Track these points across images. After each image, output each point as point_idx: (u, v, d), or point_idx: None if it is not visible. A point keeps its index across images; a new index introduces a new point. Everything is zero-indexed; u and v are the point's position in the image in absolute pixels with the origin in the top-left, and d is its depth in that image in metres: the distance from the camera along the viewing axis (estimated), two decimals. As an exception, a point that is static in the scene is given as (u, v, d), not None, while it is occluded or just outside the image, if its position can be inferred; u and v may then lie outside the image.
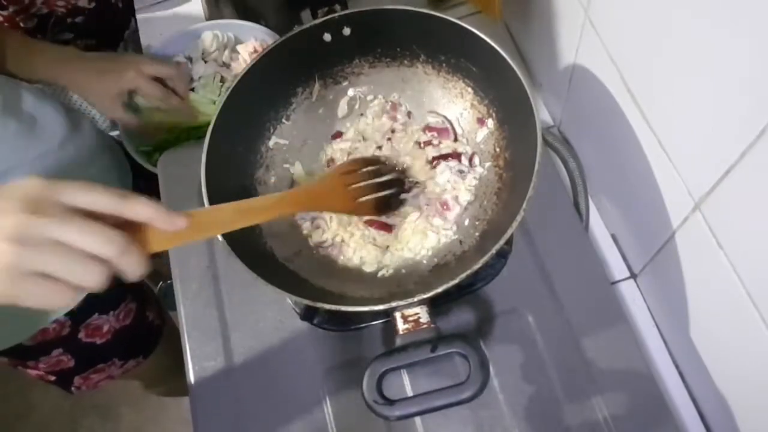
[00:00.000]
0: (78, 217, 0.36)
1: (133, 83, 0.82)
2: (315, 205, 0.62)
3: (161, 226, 0.40)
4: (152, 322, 1.03)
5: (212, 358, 0.67)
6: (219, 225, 0.48)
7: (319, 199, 0.61)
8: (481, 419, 0.61)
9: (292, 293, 0.54)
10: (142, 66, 0.82)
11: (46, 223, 0.35)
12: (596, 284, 0.67)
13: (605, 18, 0.60)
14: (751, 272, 0.48)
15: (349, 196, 0.62)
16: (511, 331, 0.65)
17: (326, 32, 0.66)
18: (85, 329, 0.89)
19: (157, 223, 0.40)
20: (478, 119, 0.68)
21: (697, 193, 0.51)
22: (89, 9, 1.02)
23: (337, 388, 0.64)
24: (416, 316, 0.52)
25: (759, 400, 0.54)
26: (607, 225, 0.76)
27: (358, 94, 0.72)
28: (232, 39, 0.94)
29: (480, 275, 0.65)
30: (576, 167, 0.76)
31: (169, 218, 0.40)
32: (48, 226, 0.35)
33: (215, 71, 0.91)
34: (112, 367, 0.97)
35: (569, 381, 0.62)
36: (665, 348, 0.68)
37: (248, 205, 0.53)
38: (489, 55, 0.60)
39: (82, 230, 0.36)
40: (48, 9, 0.98)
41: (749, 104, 0.41)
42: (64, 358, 0.89)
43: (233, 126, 0.63)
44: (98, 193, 0.38)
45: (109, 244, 0.37)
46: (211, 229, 0.47)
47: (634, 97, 0.58)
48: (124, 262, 0.38)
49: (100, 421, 1.59)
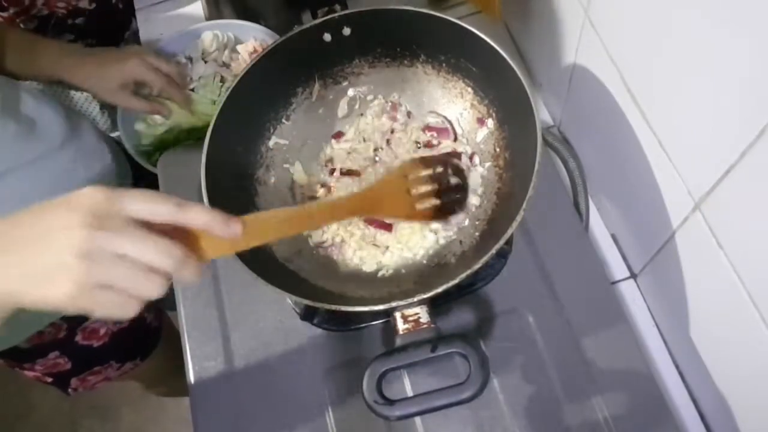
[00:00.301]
0: (139, 231, 0.37)
1: (136, 71, 0.81)
2: (373, 209, 0.59)
3: (218, 233, 0.40)
4: (150, 324, 1.02)
5: (212, 358, 0.67)
6: (274, 231, 0.47)
7: (378, 203, 0.58)
8: (481, 419, 0.61)
9: (292, 293, 0.54)
10: (145, 56, 0.83)
11: (111, 238, 0.36)
12: (596, 284, 0.67)
13: (605, 18, 0.60)
14: (751, 272, 0.48)
15: (409, 200, 0.59)
16: (511, 331, 0.65)
17: (326, 32, 0.66)
18: (82, 332, 0.89)
19: (214, 230, 0.40)
20: (478, 119, 0.68)
21: (697, 193, 0.51)
22: (90, 10, 1.02)
23: (337, 388, 0.64)
24: (416, 316, 0.52)
25: (759, 400, 0.54)
26: (607, 225, 0.76)
27: (358, 94, 0.72)
28: (232, 39, 0.94)
29: (480, 275, 0.65)
30: (576, 167, 0.76)
31: (226, 225, 0.41)
32: (113, 241, 0.36)
33: (215, 71, 0.91)
34: (109, 370, 0.97)
35: (569, 381, 0.62)
36: (665, 348, 0.68)
37: (305, 211, 0.51)
38: (489, 55, 0.60)
39: (144, 244, 0.37)
40: (48, 10, 0.98)
41: (749, 104, 0.41)
42: (61, 360, 0.89)
43: (233, 126, 0.63)
44: (156, 203, 0.38)
45: (169, 257, 0.38)
46: (266, 236, 0.46)
47: (634, 97, 0.58)
48: (181, 273, 0.39)
49: (99, 422, 1.59)
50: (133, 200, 0.38)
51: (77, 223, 0.36)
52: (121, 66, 0.81)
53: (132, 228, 0.37)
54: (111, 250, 0.36)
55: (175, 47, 0.93)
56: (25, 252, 0.37)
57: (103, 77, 0.81)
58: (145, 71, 0.82)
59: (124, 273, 0.37)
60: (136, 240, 0.37)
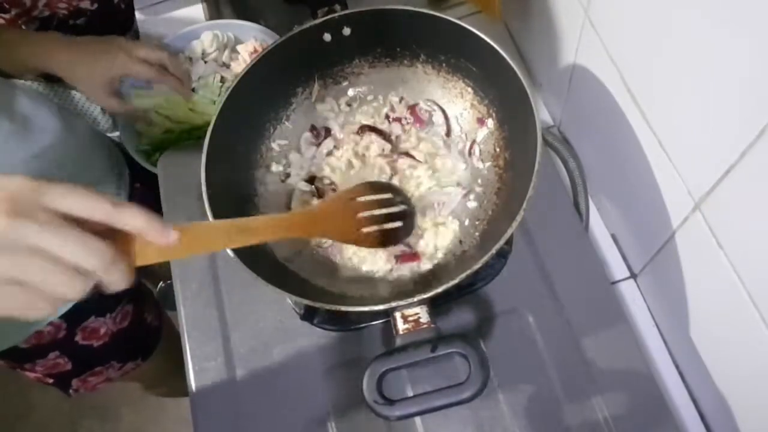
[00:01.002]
0: (62, 224, 0.34)
1: (125, 68, 0.81)
2: (317, 230, 0.58)
3: (153, 238, 0.38)
4: (150, 324, 1.02)
5: (212, 358, 0.67)
6: (213, 243, 0.46)
7: (322, 224, 0.57)
8: (481, 419, 0.61)
9: (292, 293, 0.54)
10: (132, 50, 0.82)
11: (27, 228, 0.33)
12: (596, 284, 0.67)
13: (605, 18, 0.60)
14: (751, 272, 0.48)
15: (353, 224, 0.58)
16: (511, 331, 0.65)
17: (326, 32, 0.66)
18: (82, 332, 0.88)
19: (148, 235, 0.38)
20: (478, 119, 0.68)
21: (697, 193, 0.51)
22: (91, 10, 1.02)
23: (337, 388, 0.64)
24: (416, 316, 0.52)
25: (759, 400, 0.54)
26: (607, 225, 0.76)
27: (358, 94, 0.72)
28: (232, 39, 0.94)
29: (480, 275, 0.65)
30: (576, 167, 0.76)
31: (162, 231, 0.38)
32: (29, 231, 0.33)
33: (215, 71, 0.91)
34: (110, 370, 0.96)
35: (569, 381, 0.62)
36: (665, 348, 0.68)
37: (246, 224, 0.50)
38: (489, 55, 0.60)
39: (65, 238, 0.34)
40: (50, 11, 0.97)
41: (749, 104, 0.41)
42: (61, 360, 0.89)
43: (233, 126, 0.63)
44: (88, 199, 0.36)
45: (94, 256, 0.35)
46: (203, 247, 0.45)
47: (634, 97, 0.58)
48: (108, 275, 0.36)
49: (99, 422, 1.59)
50: (64, 194, 0.35)
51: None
52: (109, 62, 0.80)
53: (57, 222, 0.34)
54: (27, 241, 0.33)
55: (175, 47, 0.93)
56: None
57: (90, 72, 0.81)
58: (135, 66, 0.82)
59: (39, 268, 0.34)
60: (57, 233, 0.34)
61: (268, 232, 0.52)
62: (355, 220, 0.58)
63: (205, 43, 0.92)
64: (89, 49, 0.82)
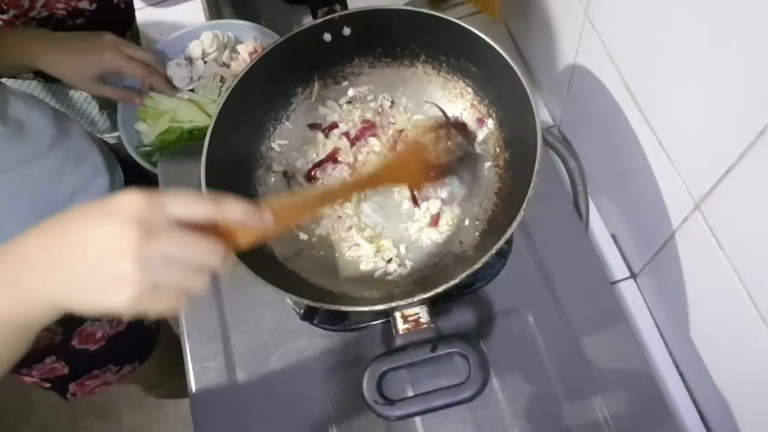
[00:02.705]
0: (184, 233, 0.39)
1: (113, 64, 0.81)
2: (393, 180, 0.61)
3: (254, 224, 0.42)
4: (147, 326, 1.02)
5: (212, 358, 0.67)
6: (301, 214, 0.50)
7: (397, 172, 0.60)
8: (481, 419, 0.61)
9: (292, 293, 0.54)
10: (120, 46, 0.82)
11: (161, 243, 0.38)
12: (596, 284, 0.67)
13: (605, 18, 0.60)
14: (751, 272, 0.48)
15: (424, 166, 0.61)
16: (511, 331, 0.65)
17: (326, 32, 0.66)
18: (78, 336, 0.88)
19: (248, 223, 0.42)
20: (478, 119, 0.68)
21: (697, 193, 0.51)
22: (90, 11, 1.02)
23: (337, 388, 0.64)
24: (416, 316, 0.52)
25: (759, 400, 0.54)
26: (607, 225, 0.76)
27: (358, 94, 0.72)
28: (233, 39, 0.94)
29: (480, 275, 0.65)
30: (576, 167, 0.76)
31: (259, 217, 0.43)
32: (163, 246, 0.38)
33: (215, 71, 0.91)
34: (107, 373, 0.96)
35: (569, 381, 0.62)
36: (665, 348, 0.68)
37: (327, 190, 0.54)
38: (489, 55, 0.60)
39: (189, 245, 0.39)
40: (48, 12, 0.97)
41: (749, 104, 0.41)
42: (58, 365, 0.89)
43: (233, 126, 0.63)
44: (194, 203, 0.40)
45: (213, 255, 0.40)
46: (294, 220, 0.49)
47: (634, 97, 0.58)
48: (223, 268, 0.41)
49: (100, 422, 1.59)
50: (174, 203, 0.39)
51: (127, 232, 0.37)
52: (98, 58, 0.81)
53: (177, 230, 0.39)
54: (163, 254, 0.38)
55: (175, 47, 0.93)
56: (78, 264, 0.38)
57: (78, 67, 0.81)
58: (124, 63, 0.82)
59: (176, 274, 0.39)
60: (183, 242, 0.39)
61: (350, 190, 0.56)
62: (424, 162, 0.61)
63: (205, 43, 0.92)
64: (76, 46, 0.82)
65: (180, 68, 0.91)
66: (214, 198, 0.41)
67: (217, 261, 0.40)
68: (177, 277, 0.39)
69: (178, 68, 0.90)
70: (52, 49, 0.81)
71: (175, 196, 0.40)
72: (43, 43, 0.81)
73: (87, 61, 0.81)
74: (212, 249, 0.40)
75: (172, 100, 0.88)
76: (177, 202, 0.40)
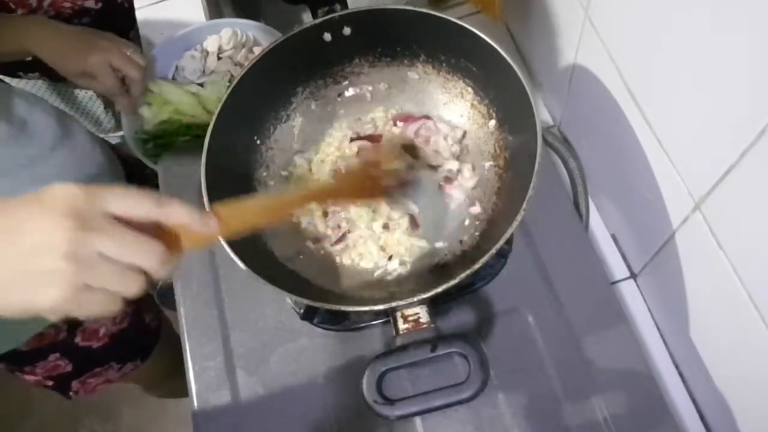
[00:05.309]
0: (121, 230, 0.37)
1: (93, 68, 0.81)
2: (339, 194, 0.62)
3: (197, 229, 0.41)
4: (149, 324, 1.02)
5: (212, 358, 0.67)
6: (251, 221, 0.48)
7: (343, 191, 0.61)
8: (481, 419, 0.61)
9: (292, 293, 0.54)
10: (109, 54, 0.82)
11: (95, 238, 0.36)
12: (596, 284, 0.67)
13: (605, 18, 0.60)
14: (751, 272, 0.48)
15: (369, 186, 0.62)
16: (511, 331, 0.65)
17: (326, 32, 0.66)
18: (81, 333, 0.88)
19: (192, 226, 0.40)
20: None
21: (697, 193, 0.51)
22: (96, 10, 1.03)
23: (337, 387, 0.64)
24: (416, 315, 0.52)
25: (759, 400, 0.54)
26: (607, 225, 0.76)
27: (358, 94, 0.72)
28: (251, 39, 0.93)
29: (480, 275, 0.65)
30: (576, 167, 0.76)
31: (203, 221, 0.41)
32: (96, 241, 0.36)
33: (227, 69, 0.90)
34: (109, 371, 0.96)
35: (569, 381, 0.62)
36: (665, 348, 0.68)
37: (280, 198, 0.53)
38: (489, 55, 0.60)
39: (125, 244, 0.37)
40: (54, 11, 0.98)
41: (749, 104, 0.41)
42: (61, 362, 0.89)
43: (233, 126, 0.63)
44: (135, 200, 0.38)
45: (151, 256, 0.38)
46: (243, 226, 0.47)
47: (634, 97, 0.58)
48: (160, 272, 0.39)
49: (100, 421, 1.60)
50: (113, 198, 0.37)
51: (59, 224, 0.35)
52: (82, 59, 0.81)
53: (114, 227, 0.37)
54: (95, 250, 0.36)
55: (175, 46, 0.92)
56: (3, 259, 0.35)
57: (67, 61, 0.81)
58: (101, 72, 0.81)
59: (109, 273, 0.36)
60: (119, 239, 0.36)
61: (300, 202, 0.56)
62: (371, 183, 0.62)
63: (223, 39, 0.91)
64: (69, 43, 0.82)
65: (194, 60, 0.90)
66: (158, 198, 0.39)
67: (155, 263, 0.38)
68: (110, 277, 0.36)
69: (192, 60, 0.90)
70: (52, 35, 0.81)
71: (114, 192, 0.38)
72: (45, 30, 0.82)
73: (75, 57, 0.81)
74: (150, 249, 0.38)
75: (178, 91, 0.88)
76: (116, 198, 0.37)
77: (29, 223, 0.36)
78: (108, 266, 0.36)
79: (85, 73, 0.82)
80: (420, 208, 0.66)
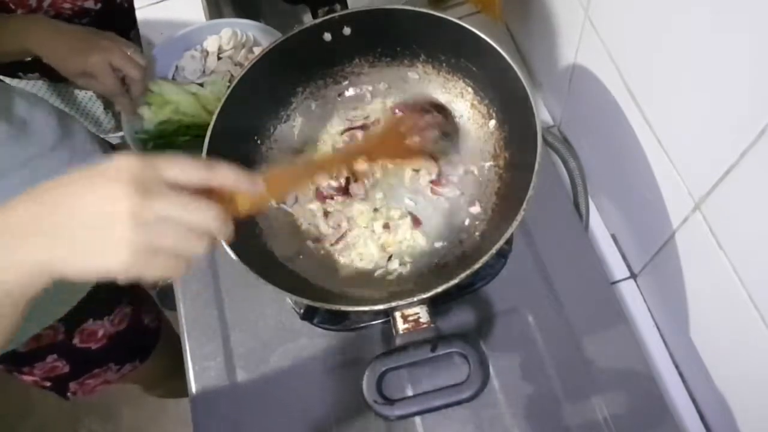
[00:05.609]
0: (180, 194, 0.39)
1: (94, 68, 0.81)
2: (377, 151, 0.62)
3: (246, 189, 0.43)
4: (148, 325, 1.02)
5: (212, 358, 0.67)
6: (293, 184, 0.52)
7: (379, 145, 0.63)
8: (481, 419, 0.61)
9: (292, 293, 0.54)
10: (110, 54, 0.81)
11: (157, 203, 0.38)
12: (596, 284, 0.67)
13: (605, 18, 0.60)
14: (751, 272, 0.48)
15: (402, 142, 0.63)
16: (511, 331, 0.65)
17: (326, 32, 0.66)
18: (80, 335, 0.88)
19: (240, 187, 0.43)
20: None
21: (697, 193, 0.51)
22: (96, 10, 1.03)
23: (337, 388, 0.64)
24: (416, 315, 0.52)
25: (759, 400, 0.54)
26: (607, 225, 0.76)
27: (358, 94, 0.72)
28: (251, 39, 0.93)
29: (480, 275, 0.65)
30: (576, 167, 0.76)
31: (252, 182, 0.43)
32: (159, 206, 0.38)
33: (227, 69, 0.90)
34: (108, 372, 0.96)
35: (569, 381, 0.62)
36: (665, 348, 0.68)
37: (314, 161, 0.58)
38: (489, 55, 0.60)
39: (187, 206, 0.39)
40: (54, 11, 0.98)
41: (749, 104, 0.41)
42: (59, 363, 0.89)
43: (233, 126, 0.63)
44: (187, 166, 0.40)
45: (211, 217, 0.40)
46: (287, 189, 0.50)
47: (634, 97, 0.58)
48: (221, 231, 0.41)
49: (100, 421, 1.60)
50: (167, 165, 0.39)
51: (123, 192, 0.37)
52: (83, 59, 0.80)
53: (173, 192, 0.39)
54: (159, 214, 0.38)
55: (175, 46, 0.92)
56: (72, 227, 0.37)
57: (67, 61, 0.81)
58: (102, 72, 0.81)
59: (174, 235, 0.38)
60: (179, 203, 0.38)
61: (335, 163, 0.59)
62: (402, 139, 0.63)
63: (223, 39, 0.91)
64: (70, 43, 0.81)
65: (194, 60, 0.90)
66: (206, 162, 0.41)
67: (216, 224, 0.40)
68: (175, 239, 0.38)
69: (192, 60, 0.90)
70: (53, 35, 0.81)
71: (168, 160, 0.40)
72: (45, 30, 0.81)
73: (75, 58, 0.80)
74: (210, 211, 0.40)
75: (178, 91, 0.88)
76: (170, 165, 0.39)
77: (92, 193, 0.38)
78: (172, 229, 0.38)
79: (86, 72, 0.81)
80: (420, 208, 0.66)
